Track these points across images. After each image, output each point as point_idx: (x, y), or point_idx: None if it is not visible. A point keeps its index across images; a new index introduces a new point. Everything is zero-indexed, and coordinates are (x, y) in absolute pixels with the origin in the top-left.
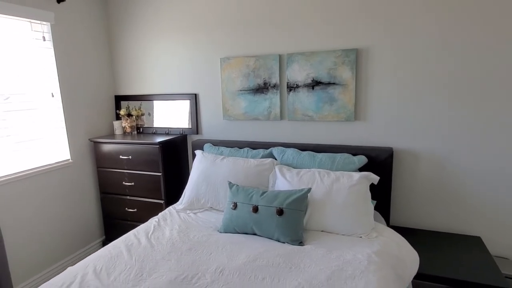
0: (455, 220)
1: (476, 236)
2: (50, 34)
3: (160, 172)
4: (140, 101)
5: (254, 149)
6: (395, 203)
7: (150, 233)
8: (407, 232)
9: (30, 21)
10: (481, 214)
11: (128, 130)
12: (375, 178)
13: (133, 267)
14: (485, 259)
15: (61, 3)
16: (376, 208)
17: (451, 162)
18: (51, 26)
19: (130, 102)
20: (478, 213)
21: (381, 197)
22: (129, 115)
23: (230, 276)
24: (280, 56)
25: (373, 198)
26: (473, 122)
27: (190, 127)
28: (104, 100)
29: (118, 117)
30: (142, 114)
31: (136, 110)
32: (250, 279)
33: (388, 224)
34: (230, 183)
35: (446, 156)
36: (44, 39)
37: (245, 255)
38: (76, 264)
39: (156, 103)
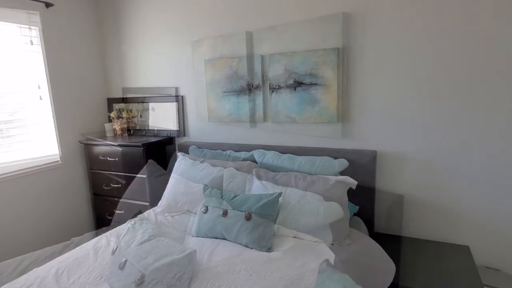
0: (443, 228)
1: (465, 246)
2: (39, 38)
3: (145, 174)
4: (131, 103)
5: (237, 151)
6: (380, 209)
7: (122, 236)
8: (391, 240)
9: (19, 26)
10: (470, 222)
11: (119, 132)
12: (352, 183)
13: (95, 270)
14: (468, 270)
15: (50, 8)
16: (358, 214)
17: (438, 167)
18: (40, 30)
19: (122, 104)
20: (467, 221)
21: (365, 203)
22: (119, 117)
23: (186, 283)
24: (262, 57)
25: (356, 203)
26: (462, 125)
27: (178, 129)
28: (96, 102)
29: (110, 120)
30: (133, 116)
31: (127, 112)
32: (206, 286)
33: (372, 231)
34: (205, 186)
35: (433, 160)
36: (31, 43)
37: (207, 261)
38: (42, 266)
39: (148, 105)
